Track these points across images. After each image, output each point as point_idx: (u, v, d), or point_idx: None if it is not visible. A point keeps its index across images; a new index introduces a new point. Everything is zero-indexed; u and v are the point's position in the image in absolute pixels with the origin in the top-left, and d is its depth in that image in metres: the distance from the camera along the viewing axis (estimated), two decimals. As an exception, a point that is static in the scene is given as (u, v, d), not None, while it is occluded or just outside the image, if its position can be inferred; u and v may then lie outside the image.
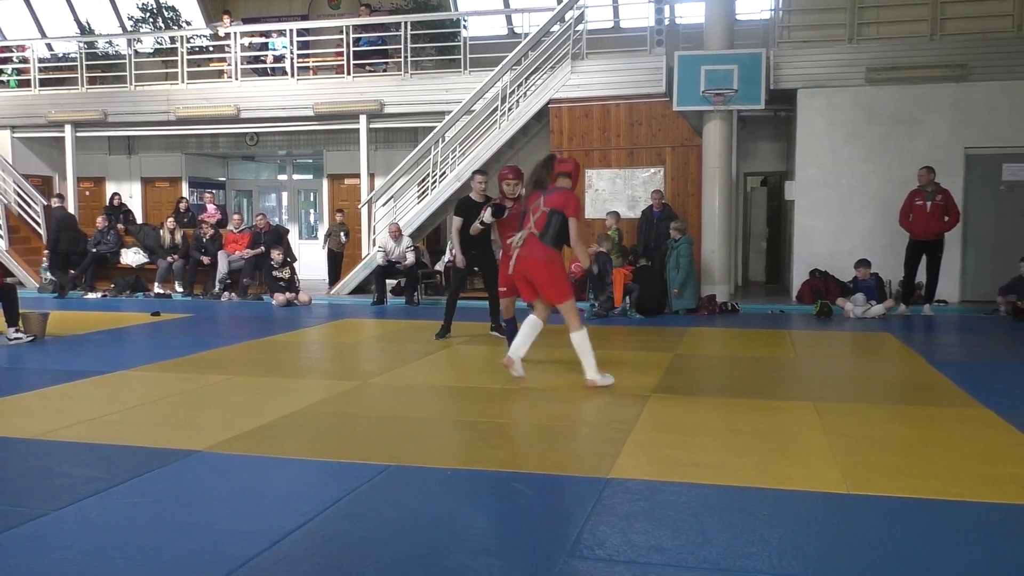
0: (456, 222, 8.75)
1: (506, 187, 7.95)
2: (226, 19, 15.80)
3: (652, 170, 12.83)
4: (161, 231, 14.99)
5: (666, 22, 13.74)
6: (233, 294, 13.81)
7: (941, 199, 10.90)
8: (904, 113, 12.11)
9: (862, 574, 3.09)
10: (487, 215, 7.73)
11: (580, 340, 6.19)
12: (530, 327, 6.42)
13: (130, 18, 18.50)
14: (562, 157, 6.48)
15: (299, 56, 15.09)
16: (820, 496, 3.92)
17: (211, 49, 16.10)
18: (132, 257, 15.05)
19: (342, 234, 14.89)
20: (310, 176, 18.70)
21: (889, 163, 12.13)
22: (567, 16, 13.02)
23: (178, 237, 14.71)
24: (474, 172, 9.39)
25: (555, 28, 13.14)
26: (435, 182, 13.43)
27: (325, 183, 16.90)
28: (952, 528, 3.55)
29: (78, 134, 15.91)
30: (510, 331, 7.41)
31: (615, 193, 12.97)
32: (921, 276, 11.20)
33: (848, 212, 12.33)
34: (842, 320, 10.81)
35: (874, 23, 12.58)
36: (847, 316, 10.93)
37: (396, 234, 12.98)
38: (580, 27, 12.98)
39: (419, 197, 13.74)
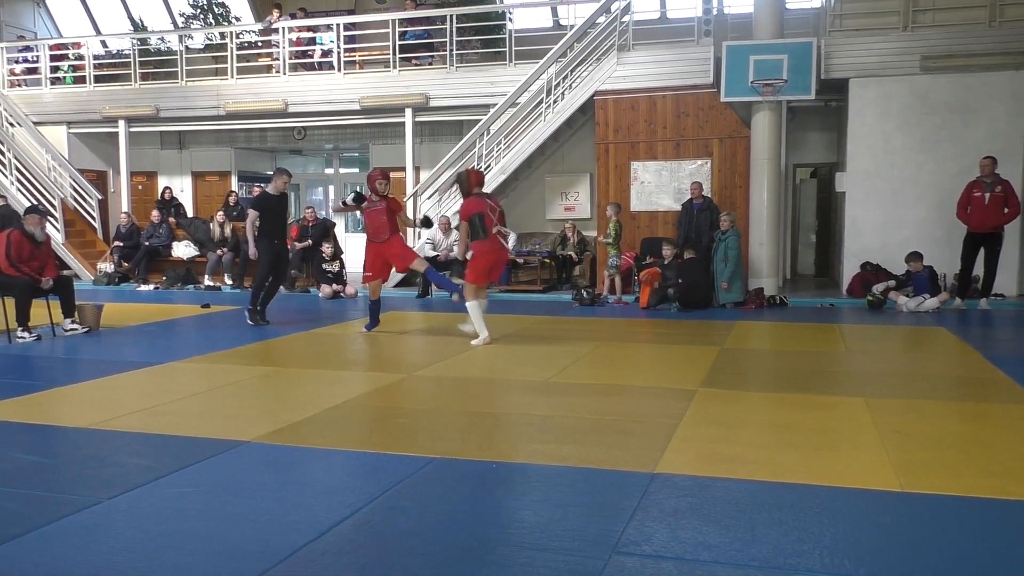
0: (252, 215, 9.70)
1: (379, 186, 8.91)
2: (276, 13, 15.95)
3: (699, 162, 12.69)
4: (211, 224, 15.23)
5: (714, 12, 13.55)
6: (280, 286, 13.96)
7: (1000, 190, 10.59)
8: (960, 102, 11.79)
9: (915, 573, 3.02)
10: (349, 199, 9.25)
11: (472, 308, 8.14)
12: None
13: (181, 15, 18.78)
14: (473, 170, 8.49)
15: (346, 50, 15.19)
16: (872, 494, 3.84)
17: (260, 44, 16.28)
18: (183, 250, 15.33)
19: None
20: (356, 170, 18.83)
21: (944, 153, 11.83)
22: (613, 7, 12.92)
23: (227, 230, 14.92)
24: (280, 170, 10.12)
25: (601, 19, 13.04)
26: (480, 175, 13.42)
27: (371, 176, 16.99)
28: (1009, 528, 3.45)
29: (131, 129, 16.20)
30: (374, 310, 9.15)
31: (661, 185, 12.85)
32: (978, 269, 10.91)
33: (901, 204, 12.06)
34: (895, 314, 10.58)
35: (929, 10, 12.25)
36: (900, 310, 10.70)
37: (446, 227, 13.03)
38: (626, 18, 12.86)
39: (464, 190, 13.76)
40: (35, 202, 14.62)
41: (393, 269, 9.62)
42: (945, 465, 4.27)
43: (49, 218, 15.29)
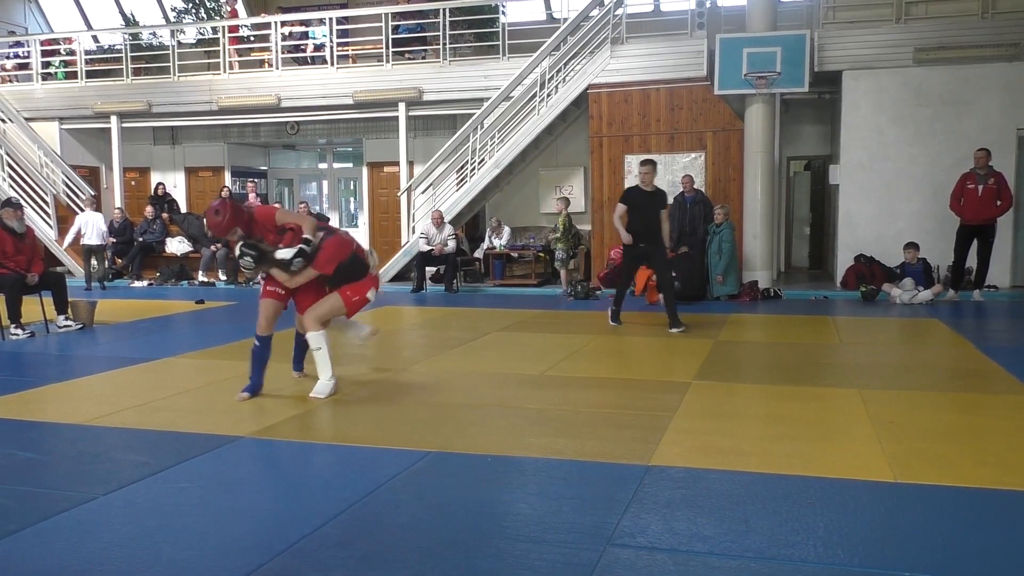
0: (620, 209, 8.80)
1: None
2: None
3: (693, 155, 12.69)
4: (205, 220, 15.18)
5: (707, 4, 13.54)
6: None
7: (994, 182, 10.61)
8: (953, 94, 11.81)
9: (909, 564, 3.04)
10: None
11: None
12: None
13: (173, 9, 18.72)
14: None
15: (338, 45, 15.15)
16: (866, 484, 3.85)
17: (252, 39, 16.22)
18: (177, 246, 15.30)
19: None
20: (350, 164, 18.80)
21: (937, 146, 11.85)
22: (606, 0, 12.90)
23: (222, 226, 14.87)
24: (644, 161, 9.20)
25: (594, 13, 13.02)
26: (474, 169, 13.42)
27: (365, 171, 16.97)
28: (1002, 518, 3.47)
29: (124, 125, 16.14)
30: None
31: (655, 179, 12.81)
32: (971, 261, 10.95)
33: (894, 196, 12.08)
34: (888, 306, 10.61)
35: (922, 2, 12.27)
36: (894, 302, 10.73)
37: (439, 221, 13.02)
38: (620, 11, 12.84)
39: (458, 184, 13.75)
40: (27, 199, 14.57)
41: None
42: (938, 456, 4.29)
43: (41, 214, 15.35)
